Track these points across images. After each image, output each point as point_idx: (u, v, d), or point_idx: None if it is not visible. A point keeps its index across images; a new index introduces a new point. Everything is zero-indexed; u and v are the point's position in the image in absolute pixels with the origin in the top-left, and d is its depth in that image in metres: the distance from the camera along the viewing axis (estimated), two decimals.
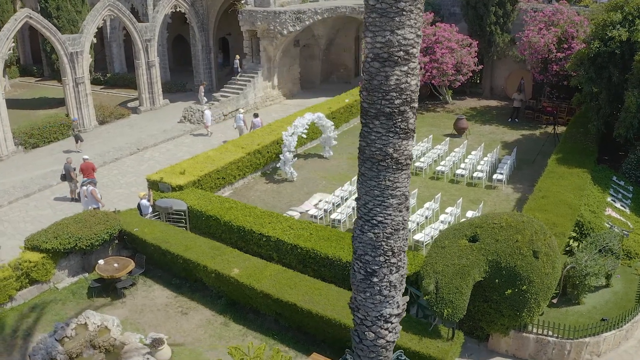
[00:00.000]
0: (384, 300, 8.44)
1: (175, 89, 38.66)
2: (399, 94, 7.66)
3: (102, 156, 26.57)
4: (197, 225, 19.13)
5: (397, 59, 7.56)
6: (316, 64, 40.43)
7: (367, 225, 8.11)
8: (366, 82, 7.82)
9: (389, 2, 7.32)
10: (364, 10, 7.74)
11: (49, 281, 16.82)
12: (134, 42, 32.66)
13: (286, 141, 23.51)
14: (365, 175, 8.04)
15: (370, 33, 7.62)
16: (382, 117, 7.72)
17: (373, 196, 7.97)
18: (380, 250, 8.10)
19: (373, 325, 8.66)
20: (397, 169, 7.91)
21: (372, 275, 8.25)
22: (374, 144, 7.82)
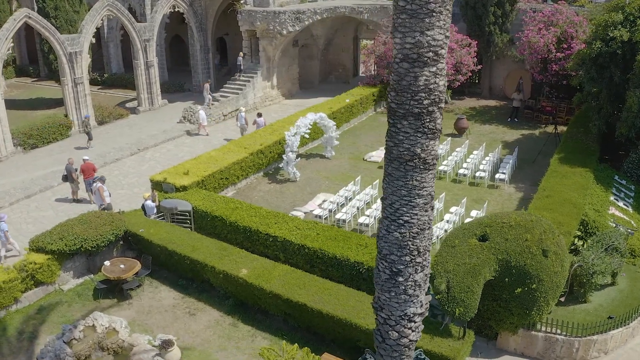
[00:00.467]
0: (408, 299, 8.46)
1: (173, 89, 38.54)
2: (427, 94, 7.68)
3: (103, 157, 26.45)
4: (202, 226, 19.08)
5: (426, 60, 7.59)
6: (315, 64, 40.43)
7: (394, 225, 8.13)
8: (395, 82, 7.83)
9: (420, 4, 7.34)
10: (393, 11, 7.75)
11: (54, 283, 16.73)
12: (132, 42, 32.52)
13: (289, 141, 23.49)
14: (392, 175, 8.06)
15: (399, 34, 7.63)
16: (410, 117, 7.74)
17: (400, 196, 7.98)
18: (407, 250, 8.11)
19: (397, 325, 8.67)
20: (424, 169, 7.93)
21: (398, 274, 8.27)
22: (402, 144, 7.84)
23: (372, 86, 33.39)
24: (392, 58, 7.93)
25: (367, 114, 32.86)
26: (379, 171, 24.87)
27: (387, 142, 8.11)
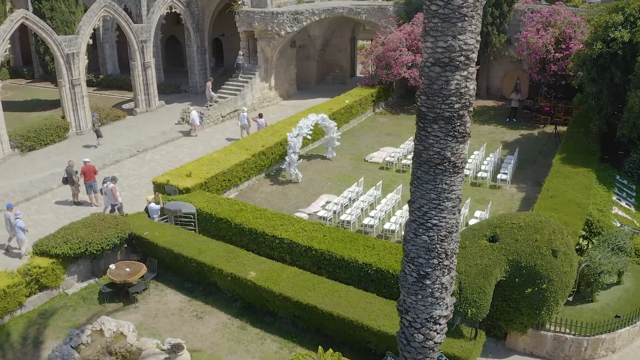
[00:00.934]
0: (435, 302, 8.45)
1: (169, 90, 38.34)
2: (458, 98, 7.68)
3: (102, 159, 26.26)
4: (206, 228, 18.96)
5: (458, 64, 7.59)
6: (312, 65, 40.38)
7: (422, 229, 8.11)
8: (425, 86, 7.81)
9: (452, 8, 7.34)
10: (424, 15, 7.74)
11: (59, 287, 16.57)
12: (129, 43, 32.33)
13: (291, 142, 23.42)
14: (422, 178, 8.04)
15: (430, 38, 7.61)
16: (441, 121, 7.74)
17: (429, 199, 7.96)
18: (435, 253, 8.10)
19: (422, 327, 8.66)
20: (453, 172, 7.92)
21: (425, 277, 8.25)
22: (432, 148, 7.83)
23: (371, 87, 33.39)
24: (422, 62, 7.91)
25: (366, 115, 32.86)
26: (381, 172, 24.89)
27: (415, 145, 8.09)
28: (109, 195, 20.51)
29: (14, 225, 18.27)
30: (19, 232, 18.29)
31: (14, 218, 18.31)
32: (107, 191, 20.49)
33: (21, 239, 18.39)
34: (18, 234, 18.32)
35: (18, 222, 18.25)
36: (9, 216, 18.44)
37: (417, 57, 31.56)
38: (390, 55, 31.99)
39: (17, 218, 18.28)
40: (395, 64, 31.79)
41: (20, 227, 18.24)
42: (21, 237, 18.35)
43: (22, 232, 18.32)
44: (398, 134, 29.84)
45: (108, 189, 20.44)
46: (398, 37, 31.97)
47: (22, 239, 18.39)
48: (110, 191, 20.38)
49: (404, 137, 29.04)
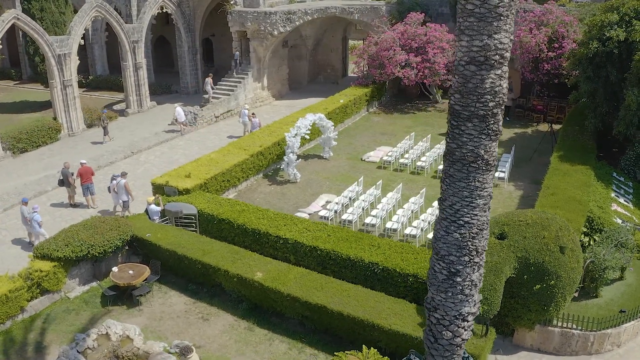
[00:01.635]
0: (464, 299, 8.46)
1: (160, 90, 38.06)
2: (493, 96, 7.72)
3: (96, 160, 25.96)
4: (207, 229, 18.81)
5: (493, 63, 7.62)
6: (303, 65, 40.34)
7: (453, 226, 8.11)
8: (460, 85, 7.82)
9: (488, 7, 7.37)
10: (459, 14, 7.75)
11: (60, 291, 16.34)
12: (121, 44, 32.02)
13: (289, 142, 23.34)
14: (454, 176, 8.04)
15: (466, 37, 7.63)
16: (475, 119, 7.76)
17: (461, 197, 7.97)
18: (466, 250, 8.11)
19: (451, 325, 8.66)
20: (485, 170, 7.94)
21: (456, 275, 8.26)
22: (466, 146, 7.84)
23: (365, 86, 33.40)
24: (457, 60, 7.92)
25: (360, 114, 32.87)
26: (379, 171, 24.90)
27: (448, 144, 8.09)
28: (120, 192, 20.63)
29: (29, 220, 18.59)
30: (35, 226, 18.62)
31: (28, 212, 18.60)
32: (119, 187, 20.61)
33: (37, 232, 18.72)
34: (35, 228, 18.66)
35: (35, 216, 18.58)
36: (23, 210, 18.75)
37: (410, 57, 31.65)
38: (383, 54, 32.03)
39: (34, 212, 18.63)
40: (388, 64, 31.83)
41: (36, 221, 18.58)
42: (37, 230, 18.68)
43: (38, 226, 18.61)
44: (393, 133, 29.89)
45: (120, 185, 20.59)
46: (391, 37, 32.03)
47: (38, 233, 18.72)
48: (123, 187, 20.53)
49: (399, 137, 29.10)
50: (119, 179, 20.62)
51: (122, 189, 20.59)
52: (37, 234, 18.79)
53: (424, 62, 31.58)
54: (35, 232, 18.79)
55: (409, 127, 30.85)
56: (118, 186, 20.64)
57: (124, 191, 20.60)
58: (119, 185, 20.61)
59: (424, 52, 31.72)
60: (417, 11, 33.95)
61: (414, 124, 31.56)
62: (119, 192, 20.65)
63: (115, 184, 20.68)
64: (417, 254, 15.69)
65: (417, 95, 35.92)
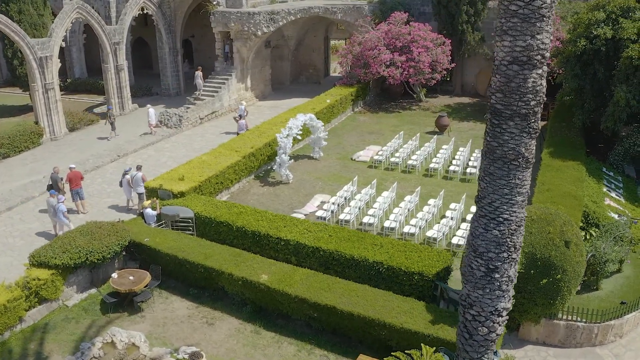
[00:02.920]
0: (501, 295, 8.52)
1: (141, 92, 37.52)
2: (534, 95, 7.82)
3: (82, 164, 25.39)
4: (205, 232, 18.58)
5: (535, 62, 7.72)
6: (285, 65, 40.22)
7: (493, 223, 8.14)
8: (502, 84, 7.89)
9: (532, 9, 7.47)
10: (500, 14, 7.81)
11: (58, 299, 15.93)
12: (102, 46, 31.46)
13: (281, 143, 23.21)
14: (495, 174, 8.08)
15: (509, 37, 7.72)
16: (517, 118, 7.84)
17: (501, 194, 8.02)
18: (505, 247, 8.16)
19: (487, 320, 8.71)
20: (525, 167, 8.02)
21: (494, 271, 8.30)
22: (507, 144, 7.91)
23: (350, 86, 33.42)
24: (498, 60, 7.98)
25: (346, 114, 32.89)
26: (370, 171, 24.93)
27: (489, 142, 8.15)
28: (136, 185, 20.93)
29: (56, 211, 18.96)
30: (60, 216, 19.00)
31: (54, 203, 19.00)
32: (137, 180, 20.97)
33: (61, 222, 19.19)
34: (60, 218, 19.05)
35: (60, 207, 18.97)
36: (52, 202, 19.11)
37: (395, 56, 31.79)
38: (368, 54, 32.11)
39: (59, 202, 19.04)
40: (373, 63, 31.91)
41: (62, 211, 18.96)
42: (62, 220, 19.13)
43: (62, 216, 19.03)
44: (381, 132, 29.98)
45: (137, 177, 20.97)
46: (376, 36, 32.12)
47: (62, 223, 19.21)
48: (141, 179, 20.89)
49: (387, 136, 29.20)
50: (135, 172, 21.13)
51: (139, 181, 20.95)
52: (61, 224, 19.30)
53: (409, 61, 31.75)
54: (60, 222, 19.27)
55: (396, 126, 30.98)
56: (135, 178, 21.02)
57: (141, 183, 20.93)
58: (136, 177, 21.02)
59: (409, 51, 31.89)
60: (399, 10, 34.13)
61: (400, 122, 31.70)
62: (135, 185, 20.97)
63: (130, 177, 21.09)
64: (420, 252, 15.75)
65: (401, 94, 36.11)
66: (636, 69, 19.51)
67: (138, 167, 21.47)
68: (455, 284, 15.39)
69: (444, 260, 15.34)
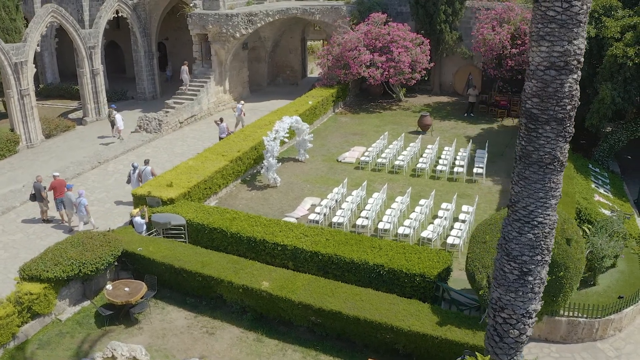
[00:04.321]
0: (533, 297, 8.52)
1: (116, 97, 36.69)
2: (570, 99, 7.84)
3: (62, 172, 24.60)
4: (197, 240, 18.22)
5: (572, 68, 7.73)
6: (262, 67, 39.90)
7: (527, 227, 8.13)
8: (539, 89, 7.89)
9: (570, 14, 7.49)
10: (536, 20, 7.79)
11: (51, 313, 15.39)
12: (77, 50, 30.69)
13: (269, 146, 22.94)
14: (530, 178, 8.07)
15: (546, 42, 7.72)
16: (553, 122, 7.86)
17: (536, 198, 8.01)
18: (538, 250, 8.16)
19: (518, 323, 8.71)
20: (559, 171, 8.03)
21: (527, 274, 8.29)
22: (543, 149, 7.91)
23: (330, 87, 33.29)
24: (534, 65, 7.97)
25: (328, 115, 32.77)
26: (357, 172, 24.85)
27: (524, 147, 8.14)
28: (145, 179, 21.30)
29: (77, 204, 19.49)
30: (82, 210, 19.49)
31: (75, 198, 19.61)
32: (146, 174, 21.34)
33: (82, 216, 19.64)
34: (82, 212, 19.53)
35: (82, 200, 19.41)
36: (70, 196, 19.79)
37: (374, 56, 31.80)
38: (348, 55, 32.05)
39: (80, 197, 19.48)
40: (354, 64, 31.87)
41: (84, 205, 19.42)
42: (82, 214, 19.59)
43: (85, 210, 19.51)
44: (364, 133, 29.94)
45: (147, 172, 21.42)
46: (356, 37, 32.08)
47: (82, 216, 19.67)
48: (150, 173, 21.40)
49: (370, 136, 29.18)
50: (143, 167, 21.62)
51: (148, 175, 21.40)
52: (81, 217, 19.71)
53: (389, 62, 31.79)
54: (81, 216, 19.68)
55: (378, 127, 31.00)
56: (144, 173, 21.44)
57: (150, 177, 21.34)
58: (146, 171, 21.46)
59: (388, 51, 31.94)
60: (377, 11, 34.18)
61: (382, 123, 31.73)
62: (144, 179, 21.30)
63: (140, 171, 21.52)
64: (420, 254, 15.73)
65: (381, 94, 36.18)
66: (620, 67, 19.88)
67: (146, 162, 22.01)
68: (453, 284, 15.41)
69: (444, 260, 15.35)
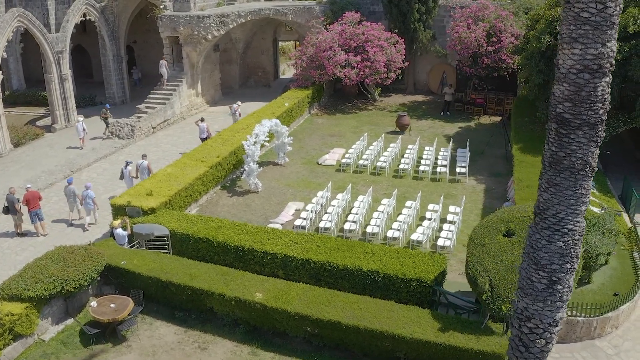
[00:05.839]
0: (561, 306, 8.31)
1: (84, 103, 35.57)
2: (602, 103, 7.62)
3: (34, 182, 23.65)
4: (182, 250, 17.61)
5: (605, 71, 7.50)
6: (234, 68, 39.26)
7: (557, 235, 7.88)
8: (572, 93, 7.65)
9: (604, 16, 7.25)
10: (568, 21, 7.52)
11: (34, 334, 14.63)
12: (44, 55, 29.58)
13: (249, 151, 22.41)
14: (561, 185, 7.82)
15: (580, 45, 7.48)
16: (585, 127, 7.63)
17: (567, 205, 7.76)
18: (568, 258, 7.94)
19: (545, 332, 8.48)
20: (590, 177, 7.81)
21: (556, 282, 8.07)
22: (575, 154, 7.67)
23: (305, 88, 32.89)
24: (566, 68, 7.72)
25: (304, 117, 32.37)
26: (339, 174, 24.52)
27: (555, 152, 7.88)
28: (142, 174, 21.65)
29: (83, 198, 20.02)
30: (89, 203, 20.00)
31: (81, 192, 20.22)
32: (142, 169, 21.48)
33: (88, 209, 20.15)
34: (89, 205, 20.02)
35: (89, 193, 19.96)
36: (73, 190, 20.32)
37: (349, 56, 31.53)
38: (323, 55, 31.69)
39: (87, 189, 20.04)
40: (329, 64, 31.53)
41: (91, 198, 19.96)
42: (89, 207, 20.09)
43: (92, 203, 20.06)
44: (341, 135, 29.64)
45: (144, 166, 21.60)
46: (330, 37, 31.74)
47: (89, 209, 20.20)
48: (147, 168, 21.69)
49: (349, 137, 28.90)
50: (140, 161, 22.01)
51: (145, 170, 21.72)
52: (88, 210, 20.18)
53: (364, 61, 31.56)
54: (88, 209, 20.12)
55: (355, 127, 30.74)
56: (141, 167, 21.80)
57: (147, 172, 21.72)
58: (142, 166, 21.79)
59: (363, 51, 31.70)
60: (350, 10, 33.92)
61: (359, 123, 31.48)
62: (142, 174, 21.73)
63: (137, 165, 21.98)
64: (414, 258, 15.49)
65: (355, 94, 35.94)
66: None
67: (143, 156, 22.35)
68: (447, 287, 15.22)
69: (439, 264, 15.13)
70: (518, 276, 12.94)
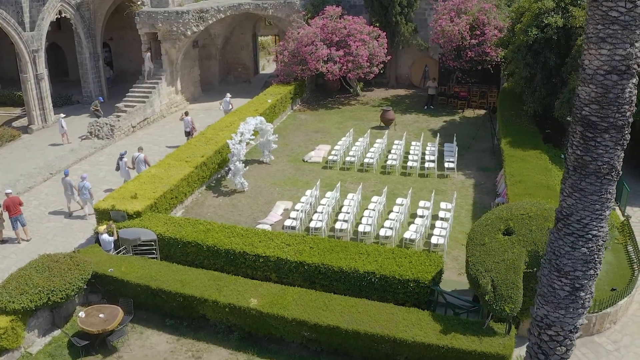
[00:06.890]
0: (583, 312, 8.09)
1: (60, 102, 34.59)
2: (629, 105, 7.33)
3: (12, 186, 22.84)
4: (170, 255, 17.11)
5: (633, 72, 7.23)
6: (213, 65, 38.55)
7: (581, 241, 7.62)
8: (599, 95, 7.36)
9: (634, 16, 6.97)
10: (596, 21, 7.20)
11: (20, 347, 14.05)
12: (19, 55, 28.62)
13: (234, 150, 21.92)
14: (586, 190, 7.53)
15: (608, 45, 7.18)
16: (612, 130, 7.36)
17: (592, 210, 7.50)
18: (592, 264, 7.70)
19: (565, 339, 8.25)
20: (615, 181, 7.54)
21: (579, 290, 7.83)
22: (601, 158, 7.38)
23: (287, 84, 32.41)
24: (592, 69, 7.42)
25: (287, 113, 31.89)
26: (326, 172, 24.15)
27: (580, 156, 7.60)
28: (138, 167, 21.84)
29: (80, 189, 20.21)
30: (86, 194, 20.21)
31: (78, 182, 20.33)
32: (139, 161, 21.59)
33: (84, 199, 20.38)
34: (85, 195, 20.25)
35: (86, 184, 20.15)
36: (69, 181, 20.39)
37: (332, 51, 31.12)
38: (305, 50, 31.23)
39: (83, 180, 20.21)
40: (311, 59, 31.08)
41: (87, 189, 20.16)
42: (85, 197, 20.31)
43: (89, 194, 20.24)
44: (326, 131, 29.26)
45: (140, 159, 21.71)
46: (312, 32, 31.28)
47: (85, 200, 20.41)
48: (143, 160, 21.84)
49: (333, 134, 28.55)
50: (137, 154, 22.18)
51: (141, 163, 21.86)
52: (84, 200, 20.41)
53: (347, 56, 31.19)
54: (84, 199, 20.37)
55: (339, 123, 30.38)
56: (137, 160, 21.93)
57: (144, 165, 21.83)
58: (139, 159, 21.95)
59: (346, 45, 31.32)
60: (331, 4, 33.48)
61: (343, 119, 31.12)
62: (138, 167, 21.87)
63: (133, 158, 22.06)
64: (410, 258, 15.22)
65: (338, 89, 35.56)
66: None
67: (140, 149, 22.53)
68: (444, 286, 15.01)
69: (435, 263, 14.90)
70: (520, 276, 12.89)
